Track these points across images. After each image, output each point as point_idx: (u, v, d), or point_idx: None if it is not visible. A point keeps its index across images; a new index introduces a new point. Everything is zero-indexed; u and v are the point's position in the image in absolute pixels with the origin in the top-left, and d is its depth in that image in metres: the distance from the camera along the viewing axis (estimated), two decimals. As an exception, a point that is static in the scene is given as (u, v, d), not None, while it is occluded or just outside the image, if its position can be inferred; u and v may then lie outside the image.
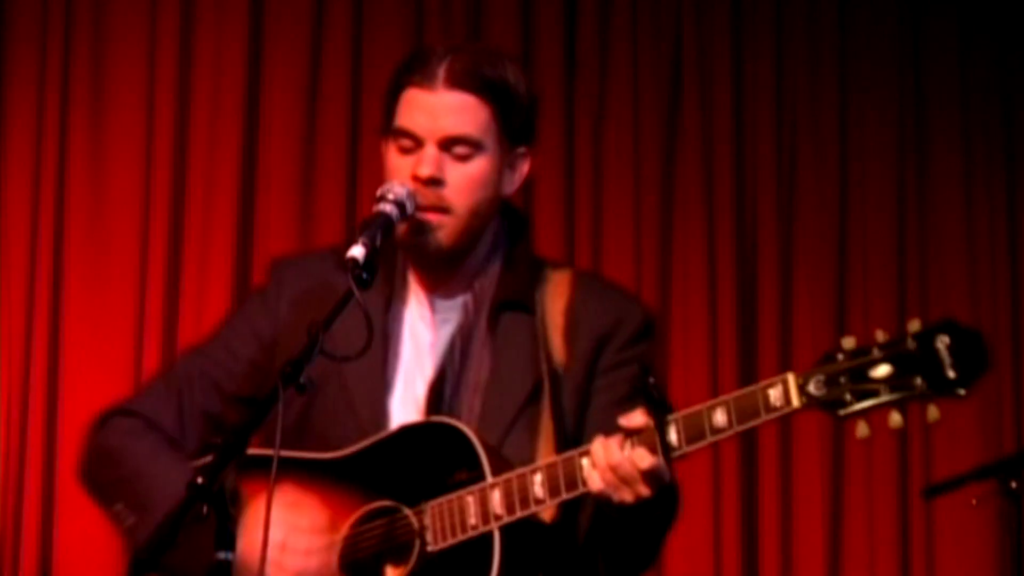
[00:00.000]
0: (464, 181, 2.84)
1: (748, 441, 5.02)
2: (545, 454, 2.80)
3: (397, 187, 2.80)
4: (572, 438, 2.84)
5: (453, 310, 2.91)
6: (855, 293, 5.18)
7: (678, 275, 5.15)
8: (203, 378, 2.94)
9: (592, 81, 5.19)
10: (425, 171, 2.81)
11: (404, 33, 5.09)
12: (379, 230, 2.74)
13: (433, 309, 2.91)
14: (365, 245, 2.68)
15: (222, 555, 2.36)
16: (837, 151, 5.24)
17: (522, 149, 2.92)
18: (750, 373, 5.10)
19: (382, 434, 2.83)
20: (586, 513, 2.80)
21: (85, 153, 4.94)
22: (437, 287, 2.91)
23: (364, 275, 2.64)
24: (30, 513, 4.79)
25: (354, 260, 2.65)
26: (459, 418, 2.81)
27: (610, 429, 2.73)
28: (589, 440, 2.74)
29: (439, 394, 2.86)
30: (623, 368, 2.90)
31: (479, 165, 2.86)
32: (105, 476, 2.90)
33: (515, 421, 2.84)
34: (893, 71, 5.27)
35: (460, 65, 2.84)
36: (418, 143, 2.84)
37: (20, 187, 4.92)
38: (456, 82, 2.83)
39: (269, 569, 2.65)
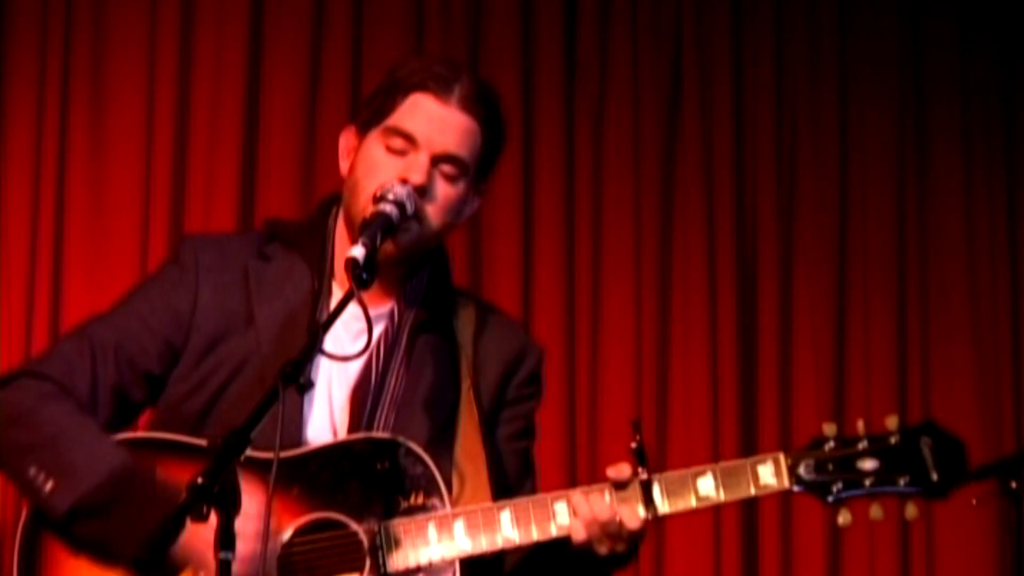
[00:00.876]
0: (444, 200, 2.88)
1: (748, 440, 5.02)
2: (469, 475, 2.83)
3: (398, 187, 2.81)
4: None
5: (376, 320, 2.90)
6: (855, 293, 5.18)
7: (678, 275, 5.15)
8: (118, 351, 2.90)
9: (592, 81, 5.19)
10: (418, 178, 2.83)
11: (404, 33, 5.09)
12: (379, 230, 2.75)
13: (366, 308, 2.91)
14: (365, 245, 2.69)
15: (223, 555, 2.36)
16: (837, 151, 5.24)
17: (483, 186, 2.97)
18: (750, 373, 5.10)
19: (328, 441, 2.82)
20: (515, 551, 2.84)
21: (85, 153, 4.93)
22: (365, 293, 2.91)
23: (364, 275, 2.65)
24: (30, 513, 4.78)
25: (354, 260, 2.65)
26: (375, 429, 2.82)
27: (509, 459, 2.88)
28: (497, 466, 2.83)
29: (360, 402, 2.86)
30: (522, 403, 3.00)
31: (459, 189, 2.90)
32: (16, 437, 2.83)
33: (432, 440, 2.86)
34: (893, 71, 5.27)
35: (475, 90, 2.89)
36: (412, 147, 2.85)
37: (20, 187, 4.91)
38: (469, 105, 2.87)
39: (205, 573, 2.64)
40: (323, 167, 5.03)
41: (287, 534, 2.75)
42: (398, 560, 2.74)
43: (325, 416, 2.86)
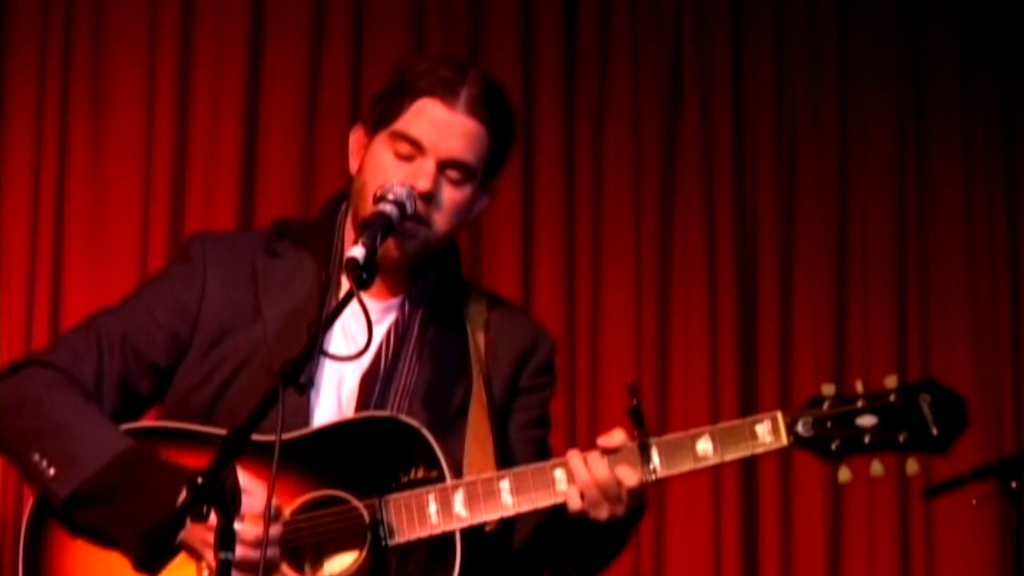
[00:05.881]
0: (451, 205, 2.90)
1: (748, 441, 5.01)
2: (476, 462, 2.84)
3: (398, 187, 2.83)
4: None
5: (386, 311, 2.95)
6: (855, 293, 5.18)
7: (678, 275, 5.15)
8: (125, 342, 2.94)
9: (592, 81, 5.19)
10: (424, 185, 2.85)
11: (404, 33, 5.09)
12: (379, 230, 2.76)
13: (366, 308, 2.93)
14: (365, 245, 2.70)
15: (222, 555, 2.36)
16: (837, 151, 5.24)
17: (491, 185, 2.98)
18: (750, 374, 5.10)
19: (328, 422, 2.86)
20: (524, 524, 2.86)
21: (85, 153, 4.94)
22: (374, 288, 2.91)
23: (364, 275, 2.66)
24: (30, 513, 4.78)
25: (354, 260, 2.67)
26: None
27: (525, 447, 2.90)
28: (508, 454, 2.85)
29: (369, 392, 2.89)
30: (537, 392, 3.04)
31: (466, 192, 2.92)
32: (22, 424, 2.86)
33: (444, 428, 2.88)
34: (893, 72, 5.27)
35: (482, 93, 2.90)
36: (419, 153, 2.86)
37: (20, 187, 4.91)
38: (475, 109, 2.88)
39: (210, 556, 2.65)
40: (323, 167, 5.03)
41: (287, 514, 2.78)
42: (399, 533, 2.76)
43: (333, 406, 2.89)
